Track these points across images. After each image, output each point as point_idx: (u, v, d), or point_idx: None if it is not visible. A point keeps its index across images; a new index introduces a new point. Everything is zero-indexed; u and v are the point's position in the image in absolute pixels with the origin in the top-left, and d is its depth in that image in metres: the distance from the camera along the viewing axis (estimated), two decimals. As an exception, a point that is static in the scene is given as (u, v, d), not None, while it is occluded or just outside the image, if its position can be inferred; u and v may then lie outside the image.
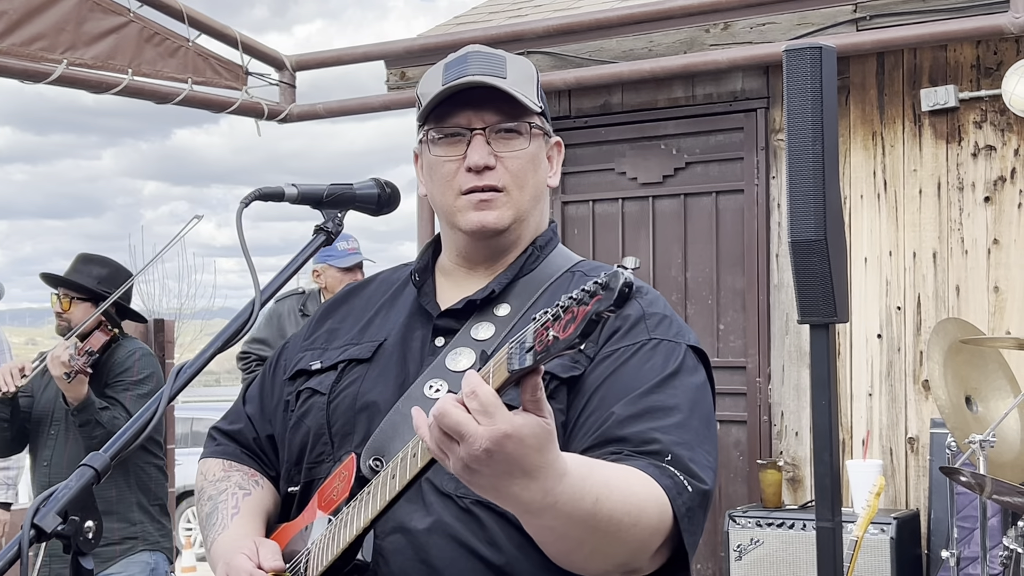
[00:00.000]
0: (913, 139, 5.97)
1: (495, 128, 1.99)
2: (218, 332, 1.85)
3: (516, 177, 2.01)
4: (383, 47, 7.30)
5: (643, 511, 1.73)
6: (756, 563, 5.70)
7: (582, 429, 1.87)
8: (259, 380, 2.23)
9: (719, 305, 6.45)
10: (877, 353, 6.02)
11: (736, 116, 6.39)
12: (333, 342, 2.12)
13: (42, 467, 4.75)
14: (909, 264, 5.96)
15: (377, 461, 1.90)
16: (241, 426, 2.20)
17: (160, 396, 1.66)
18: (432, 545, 1.86)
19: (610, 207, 6.76)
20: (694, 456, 1.83)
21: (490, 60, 2.02)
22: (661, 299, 2.04)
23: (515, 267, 2.05)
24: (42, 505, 1.55)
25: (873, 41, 5.86)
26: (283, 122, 7.34)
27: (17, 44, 5.71)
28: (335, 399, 2.02)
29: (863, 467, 5.72)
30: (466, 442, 1.54)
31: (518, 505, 1.63)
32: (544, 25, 6.65)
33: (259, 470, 2.17)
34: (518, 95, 1.98)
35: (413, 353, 2.02)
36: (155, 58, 6.38)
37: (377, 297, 2.16)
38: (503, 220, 2.01)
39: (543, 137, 2.07)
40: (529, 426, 1.54)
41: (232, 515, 2.07)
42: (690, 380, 1.93)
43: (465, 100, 1.99)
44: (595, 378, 1.89)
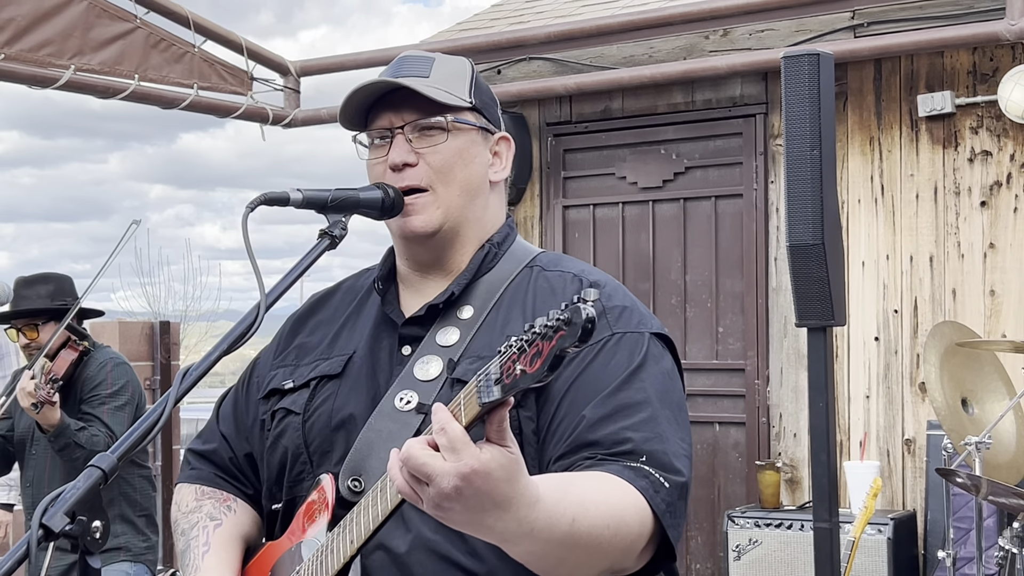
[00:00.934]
0: (910, 144, 5.98)
1: (415, 125, 1.98)
2: (224, 335, 1.85)
3: (439, 173, 1.98)
4: (386, 53, 7.30)
5: (622, 520, 1.73)
6: (754, 563, 5.70)
7: (555, 436, 1.85)
8: (232, 397, 2.20)
9: (718, 308, 6.45)
10: (874, 356, 6.02)
11: (735, 121, 6.39)
12: (304, 358, 2.09)
13: (26, 488, 4.73)
14: (906, 268, 5.97)
15: (356, 482, 1.90)
16: (215, 446, 2.17)
17: (167, 398, 1.67)
18: (414, 562, 1.85)
19: (610, 211, 6.76)
20: (667, 448, 1.83)
21: (417, 63, 2.03)
22: (620, 289, 2.01)
23: (472, 267, 2.02)
24: (50, 505, 1.56)
25: (870, 48, 5.86)
26: (288, 127, 7.35)
27: (25, 50, 5.72)
28: (310, 418, 2.00)
29: (860, 468, 5.71)
30: (434, 482, 1.54)
31: (495, 535, 1.63)
32: (546, 31, 6.65)
33: (235, 491, 2.14)
34: (432, 91, 1.96)
35: (382, 364, 2.00)
36: (161, 64, 6.39)
37: (344, 307, 2.14)
38: (431, 222, 1.98)
39: (477, 132, 2.03)
40: (496, 459, 1.54)
41: (203, 553, 2.04)
42: (656, 369, 1.91)
43: (387, 103, 2.00)
44: (562, 382, 1.87)
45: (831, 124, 3.63)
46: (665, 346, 1.97)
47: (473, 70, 2.08)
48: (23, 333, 4.64)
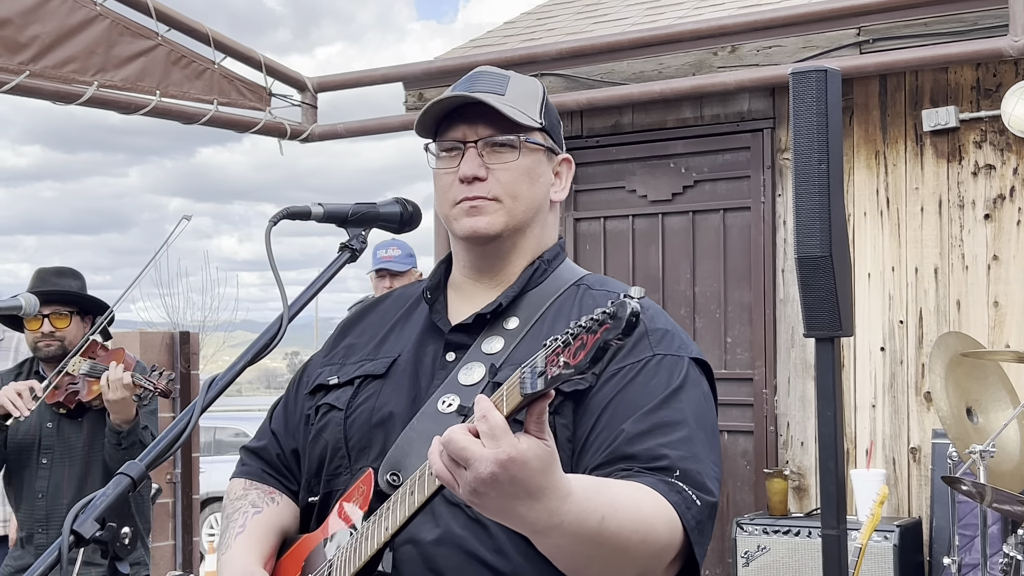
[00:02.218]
0: (915, 158, 5.98)
1: (488, 141, 2.01)
2: (247, 346, 1.87)
3: (507, 188, 2.01)
4: (401, 69, 7.33)
5: (651, 528, 1.74)
6: (763, 569, 5.69)
7: (592, 447, 1.87)
8: (284, 396, 2.25)
9: (727, 319, 6.45)
10: (880, 365, 6.02)
11: (743, 136, 6.40)
12: (350, 357, 2.13)
13: (36, 500, 4.37)
14: (911, 279, 5.96)
15: (394, 476, 1.92)
16: (265, 443, 2.22)
17: (193, 407, 1.68)
18: (440, 555, 1.87)
19: (621, 224, 6.77)
20: (701, 468, 1.85)
21: (494, 79, 2.06)
22: (662, 313, 2.04)
23: (522, 280, 2.05)
24: (80, 512, 1.57)
25: (876, 64, 5.87)
26: (305, 141, 7.37)
27: (50, 66, 5.74)
28: (352, 414, 2.04)
29: (867, 476, 5.71)
30: (472, 466, 1.57)
31: (525, 525, 1.65)
32: (557, 48, 6.67)
33: (280, 487, 2.18)
34: (508, 110, 1.99)
35: (425, 368, 2.03)
36: (182, 80, 6.41)
37: (392, 313, 2.17)
38: (494, 225, 2.01)
39: (544, 152, 2.07)
40: (532, 449, 1.57)
41: (237, 534, 2.10)
42: (694, 393, 1.93)
43: (462, 116, 2.02)
44: (603, 397, 1.89)
45: (838, 139, 3.63)
46: (703, 372, 2.00)
47: (544, 92, 2.11)
48: (51, 321, 4.31)
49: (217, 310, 32.24)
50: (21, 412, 4.13)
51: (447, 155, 2.04)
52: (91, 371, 4.32)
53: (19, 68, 5.62)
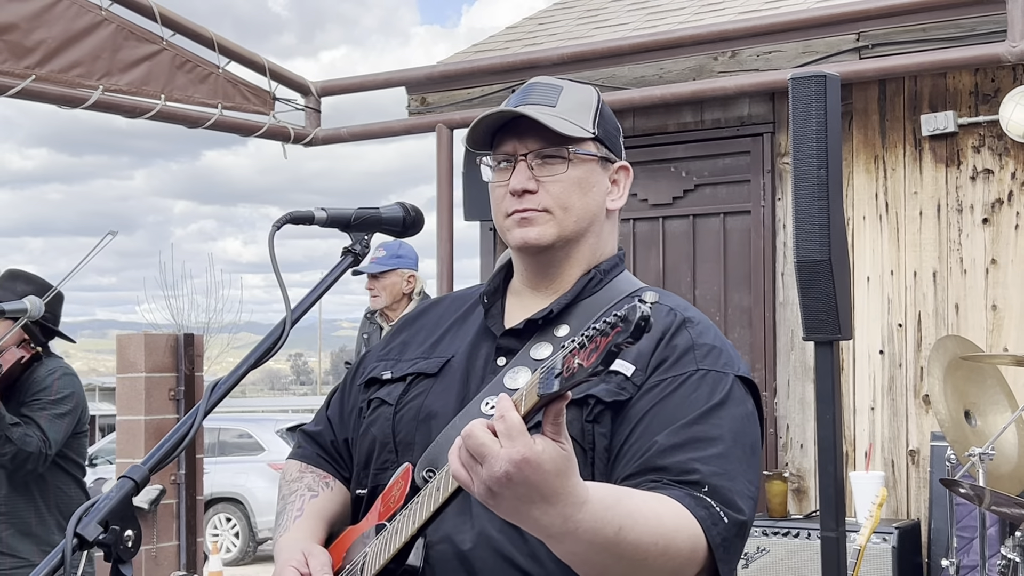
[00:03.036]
0: (914, 163, 5.98)
1: (537, 154, 2.01)
2: (251, 348, 1.87)
3: (557, 199, 2.02)
4: (404, 74, 7.33)
5: (672, 542, 1.72)
6: (762, 571, 5.69)
7: (626, 456, 1.86)
8: (342, 385, 2.27)
9: (726, 322, 6.45)
10: (879, 369, 6.02)
11: (743, 140, 6.40)
12: (405, 354, 2.15)
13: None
14: (910, 283, 5.96)
15: (430, 472, 1.92)
16: (321, 428, 2.24)
17: (196, 410, 1.68)
18: (475, 557, 1.87)
19: (622, 227, 6.70)
20: (733, 486, 1.82)
21: (546, 91, 2.06)
22: (712, 329, 2.02)
23: (576, 288, 2.05)
24: (84, 515, 1.57)
25: (875, 69, 5.86)
26: (309, 145, 7.37)
27: (56, 71, 5.75)
28: (401, 410, 2.05)
29: (865, 478, 5.71)
30: (487, 463, 1.56)
31: (539, 529, 1.64)
32: (559, 53, 6.67)
33: (333, 472, 2.21)
34: (555, 122, 1.99)
35: (476, 371, 2.04)
36: (187, 84, 6.42)
37: (450, 314, 2.18)
38: (545, 236, 2.02)
39: (597, 162, 2.06)
40: (548, 452, 1.56)
41: (295, 517, 2.12)
42: (735, 411, 1.91)
43: (513, 129, 2.03)
44: (641, 407, 1.88)
45: (837, 144, 3.63)
46: (748, 390, 1.97)
47: (599, 100, 2.10)
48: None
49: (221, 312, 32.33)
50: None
51: (500, 168, 2.05)
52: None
53: (25, 72, 5.62)
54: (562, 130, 2.00)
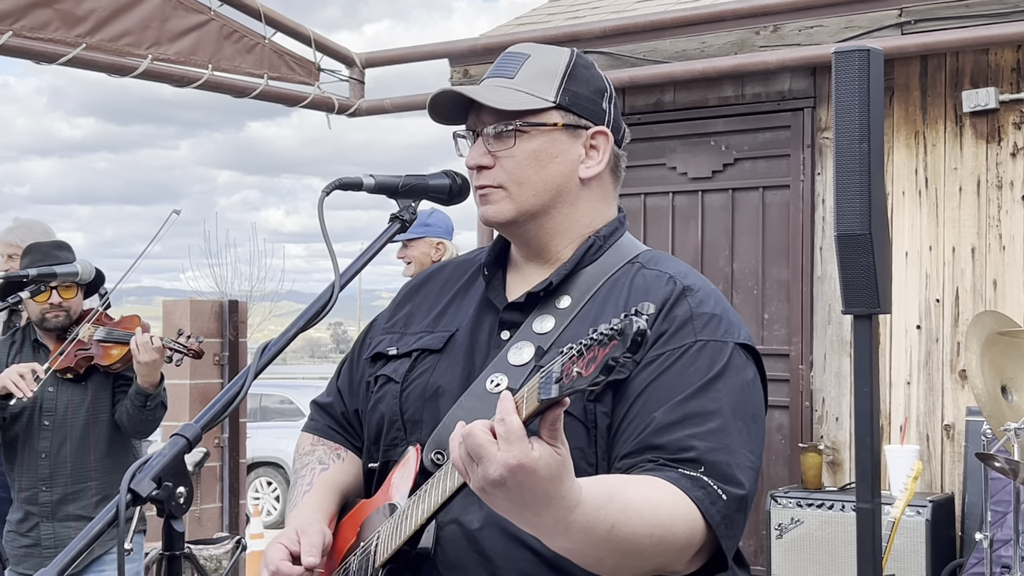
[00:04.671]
0: (954, 139, 5.92)
1: (493, 128, 1.98)
2: (296, 315, 1.88)
3: (511, 174, 1.97)
4: (447, 46, 7.32)
5: (668, 530, 1.71)
6: (796, 541, 5.68)
7: (624, 434, 1.84)
8: (350, 354, 2.25)
9: (764, 295, 6.42)
10: (916, 343, 5.98)
11: (783, 115, 6.35)
12: (410, 327, 2.12)
13: (39, 459, 4.39)
14: (948, 259, 5.91)
15: (439, 455, 1.91)
16: (331, 400, 2.23)
17: (247, 371, 1.69)
18: (484, 537, 1.86)
19: (661, 200, 6.74)
20: (732, 459, 1.79)
21: (510, 61, 2.02)
22: (713, 296, 1.96)
23: (574, 258, 2.00)
24: (138, 471, 1.58)
25: (917, 44, 5.80)
26: (352, 116, 7.37)
27: (106, 40, 5.77)
28: (407, 388, 2.03)
29: (900, 452, 5.68)
30: (483, 465, 1.56)
31: (531, 528, 1.65)
32: (601, 26, 6.64)
33: (345, 443, 2.20)
34: (493, 98, 1.96)
35: (480, 345, 2.01)
36: (234, 54, 6.43)
37: (453, 282, 2.15)
38: (503, 213, 1.99)
39: (560, 131, 1.99)
40: (544, 458, 1.55)
41: (304, 492, 2.11)
42: (735, 380, 1.87)
43: (475, 104, 2.00)
44: (639, 383, 1.85)
45: (879, 118, 3.59)
46: (750, 357, 1.93)
47: (569, 64, 2.02)
48: (59, 293, 4.38)
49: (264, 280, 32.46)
50: (24, 394, 4.19)
51: (470, 143, 2.03)
52: (107, 337, 4.40)
53: (76, 41, 5.65)
54: (505, 105, 1.96)
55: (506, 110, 1.96)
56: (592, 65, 2.07)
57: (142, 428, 4.40)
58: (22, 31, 5.43)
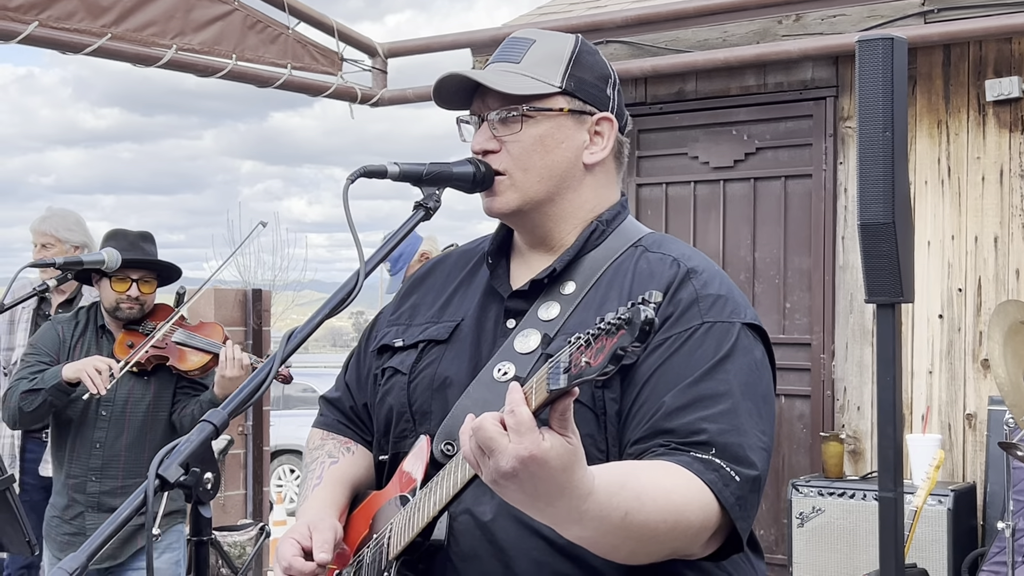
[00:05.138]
0: (977, 128, 5.88)
1: (497, 113, 1.97)
2: (319, 303, 1.87)
3: (517, 160, 1.96)
4: (470, 36, 7.31)
5: (682, 515, 1.70)
6: (817, 530, 5.67)
7: (634, 419, 1.83)
8: (357, 349, 2.24)
9: (786, 285, 6.40)
10: (938, 333, 5.95)
11: (806, 104, 6.33)
12: (415, 319, 2.11)
13: (93, 448, 4.35)
14: (971, 248, 5.88)
15: (449, 446, 1.91)
16: (340, 394, 2.23)
17: (273, 358, 1.69)
18: (497, 527, 1.86)
19: (682, 190, 6.72)
20: (743, 440, 1.78)
21: (515, 46, 2.01)
22: (718, 277, 1.95)
23: (577, 244, 1.99)
24: (166, 457, 1.59)
25: (940, 33, 5.77)
26: (375, 106, 7.37)
27: (131, 30, 5.78)
28: (414, 379, 2.03)
29: (922, 441, 5.66)
30: (495, 457, 1.55)
31: (545, 518, 1.64)
32: (623, 16, 6.62)
33: (355, 437, 2.19)
34: (501, 84, 1.95)
35: (486, 334, 2.00)
36: (257, 44, 6.43)
37: (456, 272, 2.15)
38: (508, 203, 1.98)
39: (566, 116, 1.98)
40: (555, 448, 1.54)
41: (314, 486, 2.11)
42: (743, 360, 1.85)
43: (480, 89, 1.99)
44: (647, 367, 1.84)
45: (903, 107, 3.57)
46: (757, 337, 1.92)
47: (575, 50, 2.02)
48: (139, 286, 4.36)
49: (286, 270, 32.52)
50: (99, 390, 4.13)
51: (474, 128, 2.03)
52: (187, 341, 4.37)
53: (101, 31, 5.66)
54: (513, 90, 1.95)
55: (513, 94, 1.95)
56: (596, 51, 2.06)
57: (156, 434, 4.39)
58: (48, 21, 5.44)
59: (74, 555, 1.47)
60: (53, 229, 5.54)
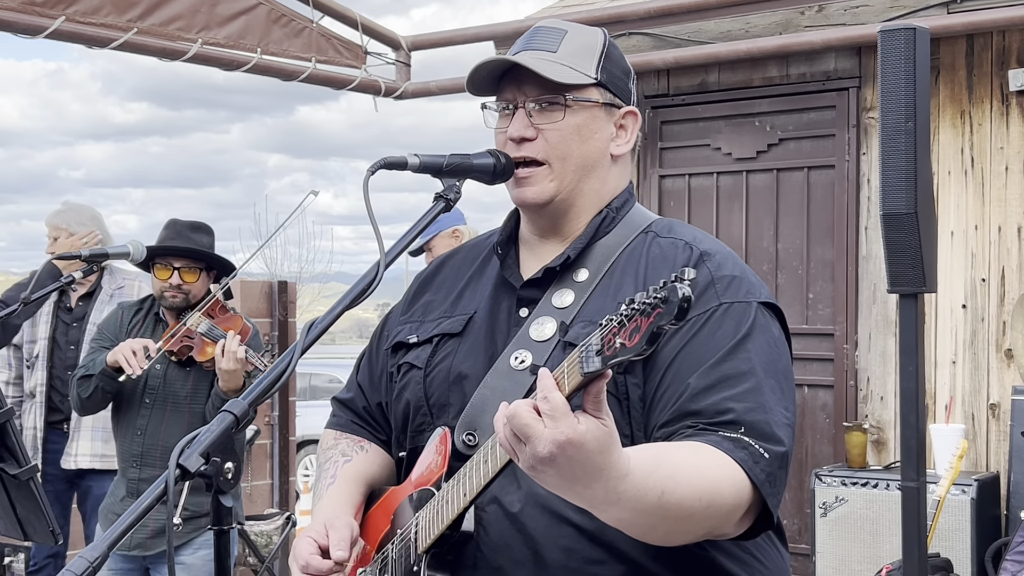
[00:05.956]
0: (1000, 118, 5.84)
1: (536, 101, 1.96)
2: (345, 291, 1.87)
3: (555, 148, 1.96)
4: (493, 28, 7.30)
5: (716, 493, 1.70)
6: (840, 519, 5.64)
7: (659, 403, 1.83)
8: (368, 349, 2.24)
9: (809, 275, 6.37)
10: (961, 323, 5.91)
11: (828, 95, 6.29)
12: (428, 315, 2.11)
13: (135, 436, 4.38)
14: (994, 238, 5.84)
15: (470, 436, 1.91)
16: (352, 395, 2.22)
17: (294, 349, 1.68)
18: (526, 516, 1.86)
19: (705, 181, 6.70)
20: (769, 418, 1.79)
21: (548, 35, 2.00)
22: (730, 258, 1.96)
23: (589, 231, 2.00)
24: (186, 447, 1.58)
25: (963, 24, 5.72)
26: (399, 99, 7.37)
27: (156, 24, 5.80)
28: (430, 373, 2.02)
29: (946, 431, 5.63)
30: (531, 444, 1.55)
31: (583, 501, 1.64)
32: (645, 7, 6.59)
33: (368, 436, 2.19)
34: (551, 70, 1.93)
35: (500, 325, 2.00)
36: (282, 38, 6.44)
37: (466, 267, 2.15)
38: (543, 194, 1.97)
39: (600, 108, 1.99)
40: (591, 431, 1.54)
41: (328, 485, 2.11)
42: (762, 339, 1.86)
43: (514, 76, 1.97)
44: (669, 351, 1.84)
45: (925, 97, 3.55)
46: (773, 315, 1.93)
47: (605, 44, 2.03)
48: (181, 275, 4.34)
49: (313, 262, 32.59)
50: (134, 370, 4.15)
51: (503, 114, 2.01)
52: (208, 332, 4.35)
53: (127, 25, 5.68)
54: (558, 77, 1.94)
55: (558, 82, 1.94)
56: (618, 46, 2.07)
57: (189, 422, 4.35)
58: (75, 16, 5.46)
59: (95, 544, 1.47)
60: (67, 223, 5.56)
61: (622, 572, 1.83)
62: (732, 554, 1.88)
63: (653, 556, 1.81)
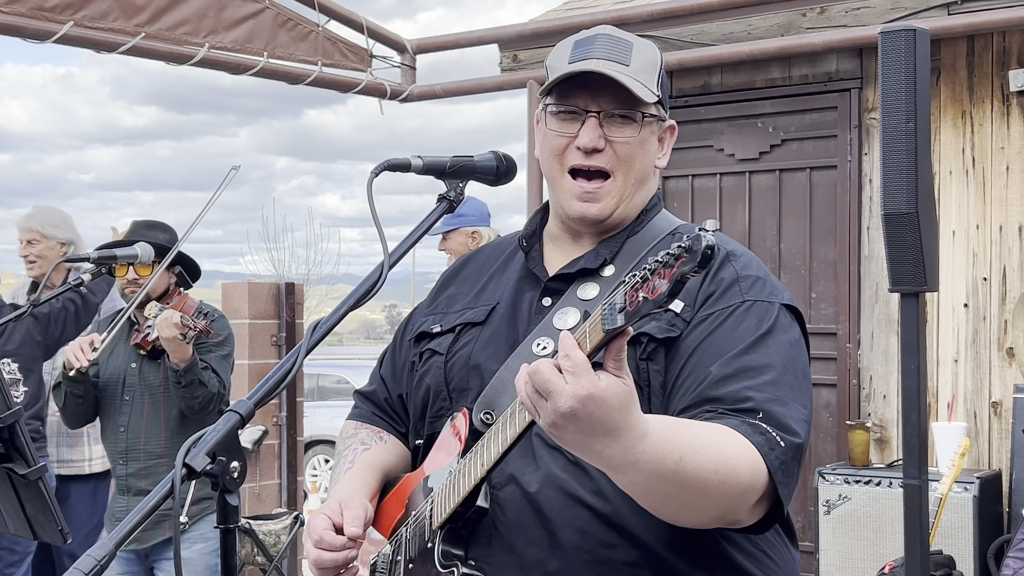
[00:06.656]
0: (1001, 118, 5.83)
1: (609, 113, 1.95)
2: (350, 292, 1.87)
3: (623, 162, 1.97)
4: (497, 31, 7.30)
5: (732, 469, 1.70)
6: (843, 517, 5.64)
7: (680, 390, 1.85)
8: (392, 343, 2.26)
9: (811, 275, 6.37)
10: (963, 322, 5.91)
11: (830, 96, 6.29)
12: (452, 307, 2.13)
13: (119, 432, 4.42)
14: (995, 237, 5.83)
15: (488, 415, 1.91)
16: (375, 387, 2.25)
17: (299, 349, 1.69)
18: (543, 497, 1.86)
19: (708, 182, 6.69)
20: (787, 411, 1.80)
21: (617, 46, 1.98)
22: (755, 261, 1.99)
23: (623, 235, 2.02)
24: (192, 446, 1.59)
25: (964, 25, 5.72)
26: (404, 101, 7.37)
27: (164, 29, 5.80)
28: (451, 359, 2.04)
29: (948, 429, 5.62)
30: (552, 399, 1.56)
31: (602, 461, 1.64)
32: (649, 10, 6.59)
33: (388, 428, 2.21)
34: (635, 87, 1.93)
35: (522, 315, 2.02)
36: (288, 42, 6.44)
37: (490, 263, 2.16)
38: (605, 211, 1.98)
39: (657, 123, 2.01)
40: (611, 388, 1.55)
41: (346, 470, 2.13)
42: (783, 338, 1.89)
43: (585, 82, 1.95)
44: (691, 341, 1.86)
45: (926, 98, 3.55)
46: (794, 317, 1.95)
47: (662, 60, 2.04)
48: (136, 270, 4.36)
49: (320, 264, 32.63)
50: (81, 363, 4.20)
51: (564, 118, 1.98)
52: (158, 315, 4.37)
53: (135, 30, 5.68)
54: (639, 93, 1.93)
55: (638, 97, 1.94)
56: None
57: (185, 405, 4.35)
58: (83, 21, 5.47)
59: (102, 543, 1.48)
60: (39, 225, 5.58)
61: (635, 556, 1.84)
62: (744, 549, 1.89)
63: (667, 544, 1.82)
